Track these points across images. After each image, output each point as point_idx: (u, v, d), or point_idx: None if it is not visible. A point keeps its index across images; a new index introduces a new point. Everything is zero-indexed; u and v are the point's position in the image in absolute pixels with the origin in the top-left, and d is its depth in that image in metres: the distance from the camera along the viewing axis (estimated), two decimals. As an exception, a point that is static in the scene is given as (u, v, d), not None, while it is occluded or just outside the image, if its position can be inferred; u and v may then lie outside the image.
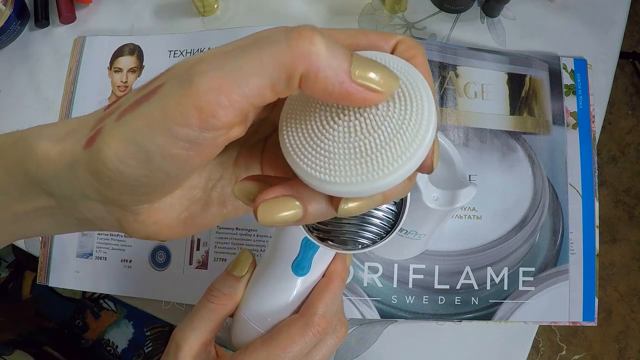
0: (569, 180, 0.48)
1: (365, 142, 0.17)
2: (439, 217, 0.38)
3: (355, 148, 0.17)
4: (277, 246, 0.29)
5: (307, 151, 0.18)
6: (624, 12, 0.54)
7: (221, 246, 0.46)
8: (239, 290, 0.30)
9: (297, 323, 0.28)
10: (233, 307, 0.30)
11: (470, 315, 0.45)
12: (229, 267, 0.31)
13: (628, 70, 1.36)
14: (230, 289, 0.30)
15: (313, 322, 0.28)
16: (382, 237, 0.25)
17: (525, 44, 0.53)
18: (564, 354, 1.23)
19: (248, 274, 0.31)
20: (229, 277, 0.31)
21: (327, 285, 0.29)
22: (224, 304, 0.30)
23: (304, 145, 0.18)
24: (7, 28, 0.52)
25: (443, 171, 0.39)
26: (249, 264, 0.31)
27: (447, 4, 0.52)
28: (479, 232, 0.46)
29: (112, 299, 0.81)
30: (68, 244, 0.48)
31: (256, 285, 0.30)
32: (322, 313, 0.28)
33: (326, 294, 0.29)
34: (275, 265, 0.29)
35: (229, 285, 0.30)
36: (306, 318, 0.28)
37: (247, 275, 0.31)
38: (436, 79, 0.49)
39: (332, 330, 0.30)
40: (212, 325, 0.30)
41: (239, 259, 0.31)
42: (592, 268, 0.47)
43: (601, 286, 1.25)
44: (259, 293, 0.30)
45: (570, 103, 0.50)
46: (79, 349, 0.80)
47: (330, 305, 0.29)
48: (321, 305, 0.29)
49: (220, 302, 0.30)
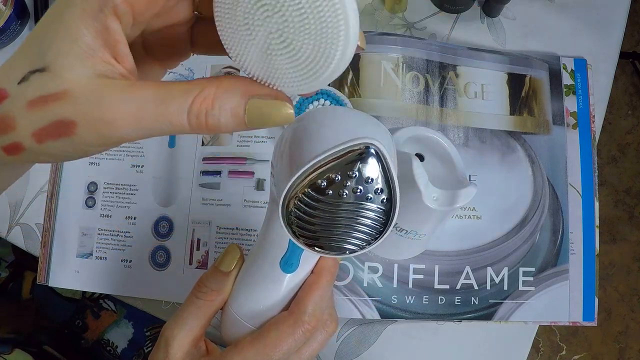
0: (569, 180, 0.48)
1: None
2: (439, 217, 0.38)
3: None
4: (265, 242, 0.28)
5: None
6: (624, 12, 0.54)
7: (221, 246, 0.46)
8: (227, 286, 0.30)
9: (287, 321, 0.28)
10: (221, 303, 0.30)
11: (470, 315, 0.45)
12: (216, 261, 0.30)
13: (628, 70, 1.36)
14: (218, 284, 0.29)
15: (302, 321, 0.28)
16: (369, 243, 0.25)
17: (525, 44, 0.53)
18: (564, 354, 1.23)
19: (236, 270, 0.30)
20: (216, 272, 0.30)
21: (316, 281, 0.29)
22: (212, 300, 0.29)
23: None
24: (7, 28, 0.52)
25: (443, 171, 0.39)
26: (237, 259, 0.30)
27: (447, 4, 0.52)
28: (479, 232, 0.46)
29: (112, 299, 0.81)
30: (68, 244, 0.48)
31: (244, 282, 0.30)
32: (311, 311, 0.28)
33: (315, 290, 0.28)
34: (262, 262, 0.29)
35: (216, 281, 0.30)
36: (295, 316, 0.28)
37: (234, 271, 0.30)
38: (436, 79, 0.49)
39: (322, 326, 0.29)
40: (201, 321, 0.29)
41: (226, 253, 0.30)
42: (592, 268, 0.47)
43: (601, 286, 1.25)
44: (247, 290, 0.29)
45: (570, 103, 0.50)
46: (78, 349, 0.80)
47: (319, 302, 0.28)
48: (310, 303, 0.28)
49: (208, 298, 0.29)
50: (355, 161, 0.22)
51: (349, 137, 0.22)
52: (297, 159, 0.24)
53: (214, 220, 0.46)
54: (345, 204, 0.23)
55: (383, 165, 0.23)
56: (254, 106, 0.19)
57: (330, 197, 0.23)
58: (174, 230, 0.47)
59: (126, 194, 0.48)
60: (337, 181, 0.23)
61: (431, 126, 0.47)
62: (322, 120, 0.25)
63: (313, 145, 0.23)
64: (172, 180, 0.48)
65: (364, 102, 0.47)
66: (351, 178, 0.23)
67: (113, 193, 0.49)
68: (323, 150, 0.22)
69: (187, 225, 0.47)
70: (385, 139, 0.24)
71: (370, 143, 0.22)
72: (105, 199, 0.49)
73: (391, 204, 0.24)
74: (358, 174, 0.23)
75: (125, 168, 0.49)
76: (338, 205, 0.24)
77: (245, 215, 0.46)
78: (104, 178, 0.49)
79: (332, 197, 0.23)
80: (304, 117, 0.26)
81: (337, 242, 0.25)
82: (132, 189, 0.48)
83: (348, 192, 0.23)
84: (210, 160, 0.48)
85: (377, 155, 0.23)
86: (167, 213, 0.47)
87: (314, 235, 0.25)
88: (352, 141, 0.22)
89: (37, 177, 0.51)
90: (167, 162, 0.48)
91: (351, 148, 0.22)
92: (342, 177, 0.23)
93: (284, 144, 0.25)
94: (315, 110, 0.26)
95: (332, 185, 0.23)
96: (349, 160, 0.22)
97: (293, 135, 0.25)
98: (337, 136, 0.23)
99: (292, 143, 0.25)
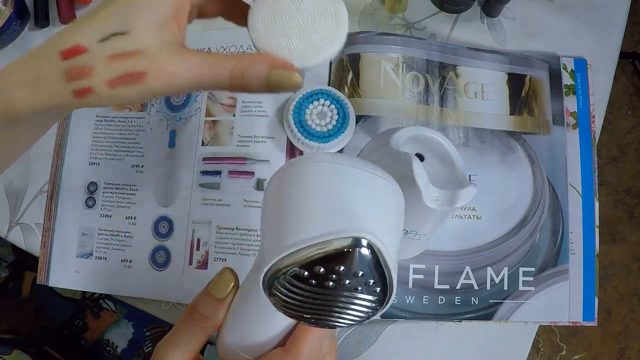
0: (569, 180, 0.48)
1: None
2: (439, 217, 0.38)
3: None
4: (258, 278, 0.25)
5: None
6: (624, 12, 0.54)
7: (221, 246, 0.46)
8: (220, 314, 0.28)
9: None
10: (214, 329, 0.29)
11: (470, 315, 0.45)
12: (209, 284, 0.29)
13: (628, 70, 1.36)
14: (211, 312, 0.28)
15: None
16: (360, 322, 0.23)
17: (525, 44, 0.53)
18: (564, 354, 1.23)
19: (230, 297, 0.28)
20: (209, 298, 0.28)
21: None
22: (205, 326, 0.28)
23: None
24: (7, 28, 0.52)
25: (443, 171, 0.39)
26: (231, 287, 0.28)
27: (447, 4, 0.52)
28: (479, 232, 0.46)
29: (112, 299, 0.81)
30: (68, 243, 0.48)
31: (237, 313, 0.28)
32: (307, 353, 0.27)
33: (314, 330, 0.27)
34: (257, 296, 0.26)
35: (210, 308, 0.28)
36: (291, 357, 0.27)
37: (229, 298, 0.28)
38: (436, 79, 0.49)
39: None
40: (194, 346, 0.29)
41: (220, 278, 0.28)
42: (592, 268, 0.47)
43: (601, 286, 1.25)
44: (240, 322, 0.28)
45: (570, 103, 0.50)
46: (78, 349, 0.80)
47: (316, 342, 0.27)
48: (307, 343, 0.27)
49: (201, 325, 0.28)
50: (341, 256, 0.19)
51: (335, 227, 0.19)
52: (275, 238, 0.21)
53: (214, 220, 0.46)
54: (331, 293, 0.21)
55: (377, 257, 0.20)
56: (273, 73, 0.26)
57: (314, 285, 0.21)
58: (174, 230, 0.47)
59: (126, 194, 0.48)
60: (320, 273, 0.20)
61: (431, 126, 0.47)
62: (308, 190, 0.21)
63: (292, 229, 0.20)
64: (172, 180, 0.48)
65: (363, 102, 0.47)
66: (336, 272, 0.20)
67: (113, 193, 0.49)
68: (301, 240, 0.20)
69: (187, 225, 0.47)
70: (384, 216, 0.21)
71: (361, 237, 0.19)
72: (105, 199, 0.49)
73: (385, 293, 0.21)
74: (344, 268, 0.20)
75: (125, 168, 0.49)
76: (322, 294, 0.21)
77: (246, 215, 0.46)
78: (104, 178, 0.49)
79: (315, 286, 0.21)
80: (291, 174, 0.23)
81: (324, 321, 0.23)
82: (132, 189, 0.48)
83: (334, 283, 0.21)
84: (210, 160, 0.48)
85: (370, 247, 0.20)
86: (167, 213, 0.47)
87: (299, 314, 0.23)
88: (338, 233, 0.19)
89: (37, 177, 0.51)
90: (167, 162, 0.48)
91: (336, 241, 0.19)
92: (327, 271, 0.20)
93: (266, 203, 0.23)
94: (305, 167, 0.22)
95: (315, 276, 0.20)
96: (334, 254, 0.19)
97: (275, 197, 0.23)
98: (322, 222, 0.20)
99: (272, 210, 0.23)
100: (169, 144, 0.49)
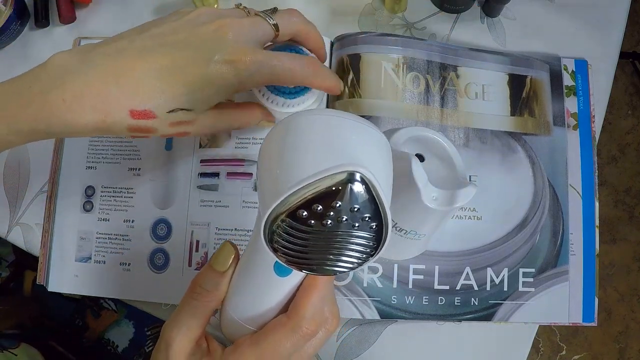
0: (569, 181, 0.48)
1: None
2: (439, 217, 0.38)
3: None
4: (257, 244, 0.26)
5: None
6: (624, 12, 0.54)
7: (221, 247, 0.46)
8: (223, 287, 0.29)
9: (285, 327, 0.27)
10: (217, 303, 0.29)
11: (470, 316, 0.45)
12: (210, 260, 0.29)
13: (628, 70, 1.35)
14: (213, 285, 0.29)
15: (301, 326, 0.27)
16: (359, 264, 0.24)
17: (525, 44, 0.53)
18: (564, 354, 1.23)
19: (231, 269, 0.29)
20: (211, 271, 0.29)
21: (314, 282, 0.28)
22: (208, 300, 0.29)
23: None
24: (7, 28, 0.52)
25: (443, 172, 0.39)
26: (232, 258, 0.29)
27: (447, 4, 0.52)
28: (479, 232, 0.46)
29: (113, 298, 0.81)
30: (67, 248, 0.48)
31: (239, 284, 0.29)
32: (310, 316, 0.27)
33: (313, 293, 0.27)
34: (256, 265, 0.27)
35: (211, 282, 0.29)
36: (294, 322, 0.27)
37: (230, 270, 0.29)
38: (437, 80, 0.49)
39: (323, 324, 0.28)
40: (199, 321, 0.29)
41: (221, 252, 0.29)
42: (592, 268, 0.47)
43: (601, 286, 1.25)
44: (242, 293, 0.29)
45: (571, 104, 0.50)
46: (82, 347, 0.80)
47: (318, 305, 0.28)
48: (309, 307, 0.27)
49: (203, 299, 0.29)
50: (337, 192, 0.20)
51: (330, 164, 0.20)
52: (272, 185, 0.22)
53: (213, 222, 0.46)
54: (330, 232, 0.22)
55: (371, 192, 0.21)
56: (263, 123, 0.41)
57: (313, 226, 0.22)
58: (172, 233, 0.47)
59: (124, 197, 0.48)
60: (319, 211, 0.21)
61: (432, 127, 0.47)
62: (302, 137, 0.22)
63: (289, 172, 0.21)
64: (169, 182, 0.48)
65: (364, 102, 0.47)
66: (334, 209, 0.21)
67: (110, 196, 0.48)
68: (298, 181, 0.21)
69: (185, 227, 0.47)
70: (375, 157, 0.22)
71: (355, 170, 0.20)
72: (103, 202, 0.49)
73: (381, 230, 0.22)
74: (341, 204, 0.21)
75: (122, 171, 0.49)
76: (322, 234, 0.22)
77: (244, 216, 0.46)
78: (101, 182, 0.49)
79: (315, 226, 0.22)
80: (286, 125, 0.24)
81: (323, 266, 0.24)
82: (129, 192, 0.48)
83: (332, 221, 0.22)
84: (208, 162, 0.48)
85: (364, 182, 0.21)
86: (165, 215, 0.47)
87: (299, 260, 0.23)
88: (333, 169, 0.20)
89: (37, 177, 0.51)
90: (164, 164, 0.48)
91: (332, 177, 0.20)
92: (325, 208, 0.21)
93: (262, 156, 0.24)
94: (298, 119, 0.23)
95: (314, 215, 0.21)
96: (330, 190, 0.20)
97: (270, 149, 0.23)
98: (317, 161, 0.21)
99: (269, 160, 0.23)
100: (165, 146, 0.49)
